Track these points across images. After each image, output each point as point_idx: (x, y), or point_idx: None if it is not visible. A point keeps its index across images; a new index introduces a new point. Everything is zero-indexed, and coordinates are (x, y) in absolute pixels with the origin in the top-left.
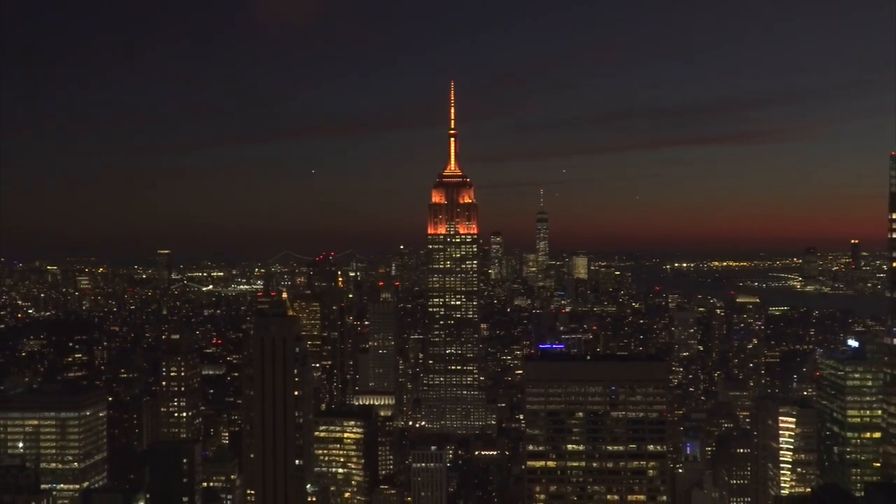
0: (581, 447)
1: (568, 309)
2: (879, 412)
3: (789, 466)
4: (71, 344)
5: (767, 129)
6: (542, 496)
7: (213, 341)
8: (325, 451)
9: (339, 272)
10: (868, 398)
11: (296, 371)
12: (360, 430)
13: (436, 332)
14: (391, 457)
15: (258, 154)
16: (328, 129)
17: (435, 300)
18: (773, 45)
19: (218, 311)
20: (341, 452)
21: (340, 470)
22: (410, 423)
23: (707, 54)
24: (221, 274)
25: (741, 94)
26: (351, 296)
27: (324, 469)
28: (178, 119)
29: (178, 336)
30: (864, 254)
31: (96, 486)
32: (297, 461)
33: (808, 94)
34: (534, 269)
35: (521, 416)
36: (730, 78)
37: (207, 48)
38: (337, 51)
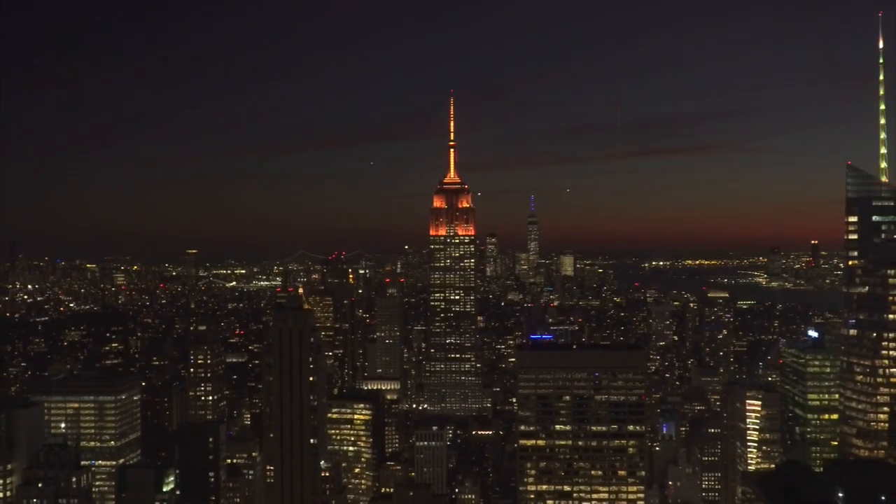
0: (568, 427)
1: (556, 303)
2: (837, 396)
3: (755, 445)
4: (108, 334)
5: (733, 139)
6: (533, 472)
7: (237, 332)
8: (337, 431)
9: (350, 270)
10: (826, 383)
11: (311, 359)
12: (368, 413)
13: (437, 324)
14: (397, 436)
15: (276, 163)
16: (339, 141)
17: (436, 295)
18: (737, 62)
19: (240, 305)
20: (352, 432)
21: (351, 448)
22: (414, 405)
23: (675, 72)
24: (244, 271)
25: (707, 108)
26: (360, 291)
27: (336, 447)
28: (202, 131)
29: (204, 327)
30: (823, 253)
31: (131, 462)
32: (311, 440)
33: (770, 108)
34: (525, 267)
35: (514, 400)
36: (695, 93)
37: (232, 68)
38: (342, 68)
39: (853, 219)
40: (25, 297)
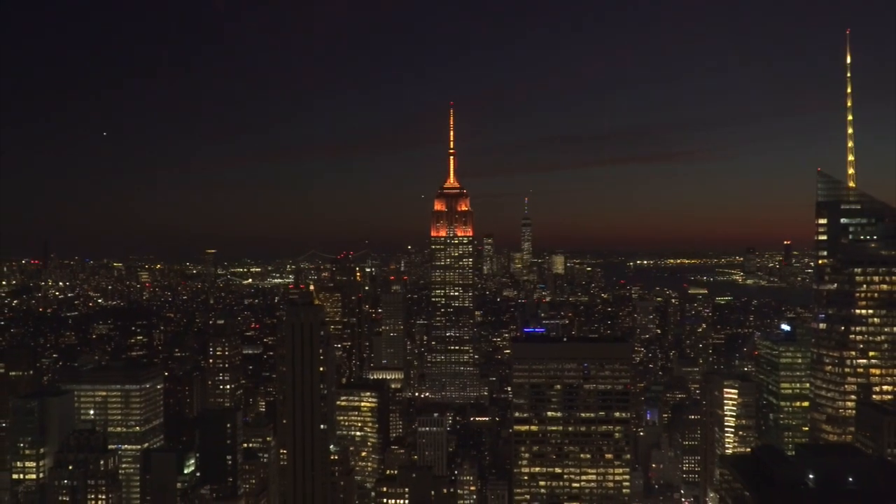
0: (559, 414)
1: (548, 299)
2: (807, 385)
3: (732, 430)
4: (133, 328)
5: (711, 147)
6: (527, 455)
7: (252, 326)
8: (346, 418)
9: (357, 268)
10: (798, 373)
11: (321, 351)
12: (374, 400)
13: (438, 318)
14: (400, 422)
15: (289, 170)
16: (347, 150)
17: (437, 291)
18: (715, 75)
19: (256, 301)
20: (359, 418)
21: (358, 433)
22: (416, 393)
23: (657, 84)
24: (259, 270)
25: (687, 118)
26: (367, 288)
27: (344, 432)
28: (220, 139)
29: (222, 321)
30: (795, 253)
31: (154, 446)
32: (322, 426)
33: (746, 118)
34: (519, 265)
35: (509, 388)
36: (676, 104)
37: (249, 81)
38: (352, 84)
39: (823, 221)
40: (57, 293)
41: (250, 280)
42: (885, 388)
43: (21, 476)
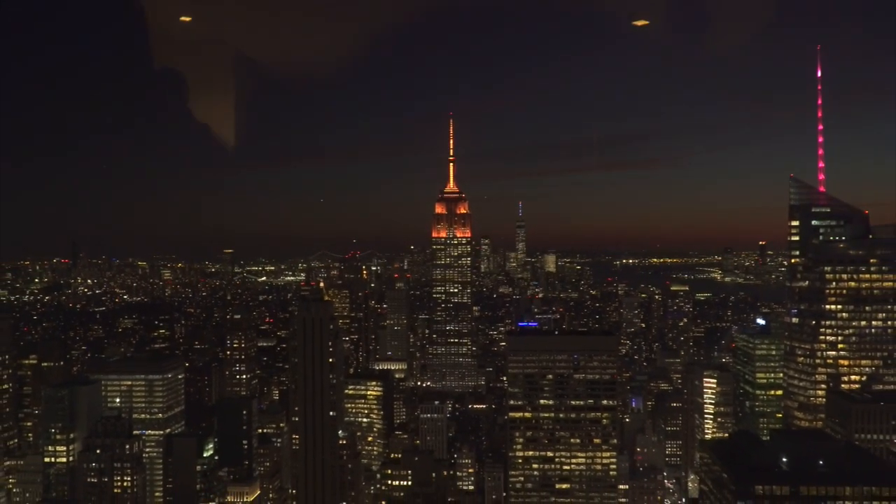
0: (551, 402)
1: (540, 295)
2: (781, 375)
3: (711, 417)
4: (156, 322)
5: (691, 153)
6: (521, 440)
7: (267, 320)
8: (353, 405)
9: (364, 267)
10: (772, 364)
11: (330, 343)
12: (379, 389)
13: (438, 313)
14: (404, 409)
15: (301, 175)
16: (353, 155)
17: (437, 288)
18: (696, 83)
19: (270, 297)
20: (365, 406)
21: (365, 420)
22: (419, 383)
23: (639, 91)
24: (273, 268)
25: (669, 124)
26: (373, 285)
27: (352, 419)
28: (236, 146)
29: (239, 316)
30: (770, 252)
31: (176, 432)
32: (331, 413)
33: (721, 126)
34: (514, 264)
35: (505, 378)
36: (658, 111)
37: (261, 90)
38: (358, 92)
39: (795, 223)
40: (86, 290)
41: (265, 278)
42: (852, 377)
43: (52, 459)
